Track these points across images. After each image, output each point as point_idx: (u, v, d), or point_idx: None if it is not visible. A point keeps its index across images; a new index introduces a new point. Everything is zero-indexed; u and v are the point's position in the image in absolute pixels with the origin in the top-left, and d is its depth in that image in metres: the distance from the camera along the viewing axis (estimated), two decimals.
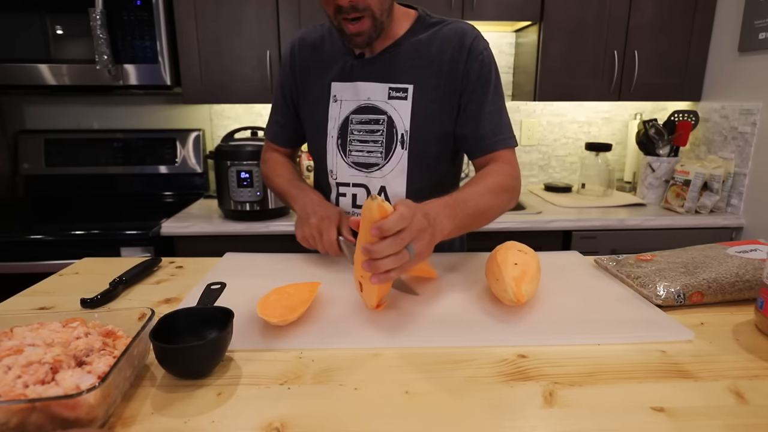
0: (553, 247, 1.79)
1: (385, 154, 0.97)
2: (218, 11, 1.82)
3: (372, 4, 0.85)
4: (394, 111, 0.95)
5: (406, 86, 0.95)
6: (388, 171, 0.98)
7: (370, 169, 0.99)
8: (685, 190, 1.85)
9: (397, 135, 0.96)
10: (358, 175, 1.00)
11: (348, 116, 0.98)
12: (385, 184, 0.99)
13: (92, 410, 0.46)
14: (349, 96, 0.98)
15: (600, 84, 1.95)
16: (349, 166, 1.00)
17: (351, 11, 0.84)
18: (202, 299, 0.74)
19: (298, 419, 0.51)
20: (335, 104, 0.99)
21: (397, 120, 0.95)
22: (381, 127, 0.96)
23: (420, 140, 0.96)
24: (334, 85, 0.99)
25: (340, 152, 1.00)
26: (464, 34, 0.94)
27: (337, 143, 1.00)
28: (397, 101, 0.95)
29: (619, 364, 0.61)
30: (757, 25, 1.74)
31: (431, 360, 0.62)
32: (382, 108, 0.96)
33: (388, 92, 0.95)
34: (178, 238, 1.71)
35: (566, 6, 1.87)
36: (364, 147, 0.98)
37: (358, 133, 0.98)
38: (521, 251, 0.79)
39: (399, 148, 0.96)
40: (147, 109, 2.20)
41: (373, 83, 0.96)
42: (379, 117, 0.96)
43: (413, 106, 0.95)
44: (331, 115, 0.99)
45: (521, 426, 0.50)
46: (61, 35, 1.74)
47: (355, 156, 0.99)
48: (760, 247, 0.84)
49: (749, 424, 0.51)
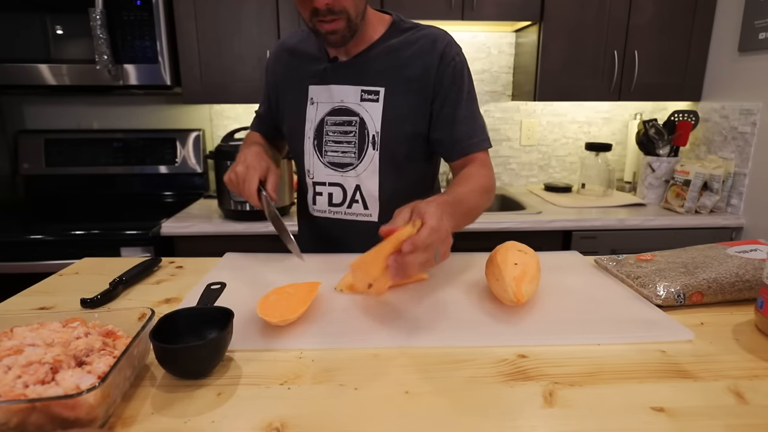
0: (553, 247, 1.79)
1: (358, 154, 1.00)
2: (218, 11, 1.82)
3: (348, 6, 0.87)
4: (366, 113, 0.98)
5: (378, 89, 0.98)
6: (362, 170, 1.01)
7: (345, 169, 1.02)
8: (685, 190, 1.85)
9: (368, 136, 0.99)
10: (334, 174, 1.03)
11: (323, 118, 1.01)
12: (360, 183, 1.02)
13: (92, 410, 0.46)
14: (325, 98, 1.01)
15: (600, 84, 1.95)
16: (325, 166, 1.03)
17: (327, 14, 0.87)
18: (202, 299, 0.74)
19: (298, 419, 0.51)
20: (312, 107, 1.02)
21: (369, 121, 0.98)
22: (354, 128, 0.99)
23: (390, 141, 0.99)
24: (311, 89, 1.02)
25: (317, 152, 1.03)
26: (436, 39, 0.97)
27: (314, 144, 1.03)
28: (368, 103, 0.98)
29: (619, 364, 0.61)
30: (757, 25, 1.74)
31: (431, 360, 0.62)
32: (354, 110, 0.99)
33: (361, 94, 0.98)
34: (178, 238, 1.71)
35: (566, 6, 1.87)
36: (338, 147, 1.01)
37: (333, 134, 1.01)
38: (521, 251, 0.79)
39: (371, 148, 0.99)
40: (147, 109, 2.20)
41: (347, 86, 0.99)
42: (352, 119, 0.99)
43: (384, 108, 0.98)
44: (308, 117, 1.03)
45: (521, 426, 0.50)
46: (61, 35, 1.74)
47: (331, 156, 1.02)
48: (760, 247, 0.84)
49: (749, 424, 0.51)
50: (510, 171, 2.34)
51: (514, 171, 2.34)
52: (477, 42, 2.21)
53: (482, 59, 2.23)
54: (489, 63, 2.23)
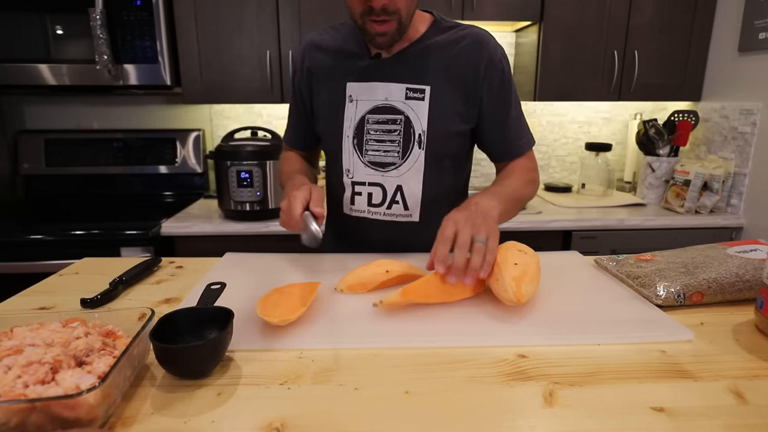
0: (553, 247, 1.79)
1: (402, 153, 0.98)
2: (218, 11, 1.82)
3: (401, 8, 0.87)
4: (412, 111, 0.97)
5: (424, 87, 0.96)
6: (405, 170, 0.99)
7: (387, 169, 1.00)
8: (685, 190, 1.85)
9: (414, 135, 0.97)
10: (375, 174, 1.01)
11: (364, 116, 0.99)
12: (402, 183, 1.00)
13: (92, 410, 0.46)
14: (365, 96, 0.99)
15: (600, 84, 1.95)
16: (365, 165, 1.01)
17: (381, 13, 0.85)
18: (202, 299, 0.73)
19: (298, 419, 0.51)
20: (351, 104, 1.00)
21: (415, 120, 0.97)
22: (398, 127, 0.98)
23: (437, 140, 0.98)
24: (350, 86, 0.99)
25: (357, 151, 1.01)
26: (482, 40, 0.96)
27: (353, 143, 1.00)
28: (414, 102, 0.97)
29: (619, 364, 0.61)
30: (757, 25, 1.74)
31: (431, 360, 0.62)
32: (399, 108, 0.97)
33: (406, 92, 0.97)
34: (178, 238, 1.71)
35: (566, 6, 1.87)
36: (380, 146, 0.99)
37: (375, 132, 0.99)
38: (521, 251, 0.79)
39: (416, 147, 0.98)
40: (147, 109, 2.20)
41: (391, 83, 0.97)
42: (397, 117, 0.97)
43: (430, 106, 0.96)
44: (347, 115, 1.00)
45: (521, 426, 0.50)
46: (61, 35, 1.74)
47: (372, 155, 1.00)
48: (760, 247, 0.84)
49: (749, 424, 0.51)
50: None
51: None
52: None
53: None
54: None
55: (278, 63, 1.86)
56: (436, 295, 0.76)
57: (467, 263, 0.72)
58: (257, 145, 1.73)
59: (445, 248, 0.73)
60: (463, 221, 0.75)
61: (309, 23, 1.83)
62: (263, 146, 1.74)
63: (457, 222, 0.75)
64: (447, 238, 0.74)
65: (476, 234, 0.74)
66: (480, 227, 0.75)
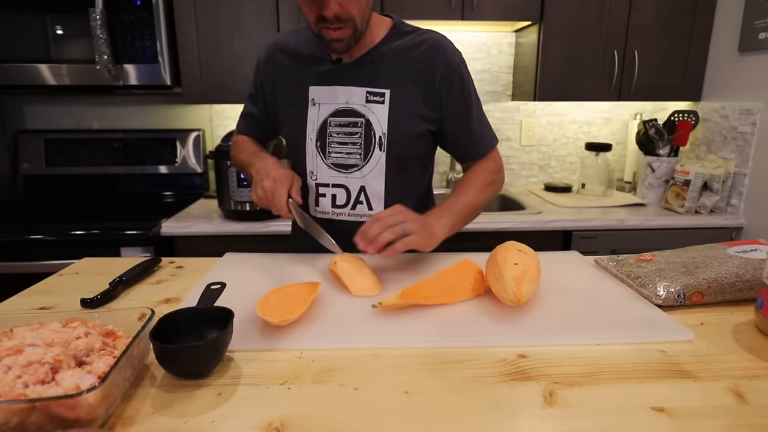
0: (553, 247, 1.79)
1: (364, 155, 1.01)
2: (218, 11, 1.82)
3: (355, 15, 0.88)
4: (372, 114, 0.99)
5: (384, 91, 0.99)
6: (368, 171, 1.02)
7: (350, 170, 1.02)
8: (685, 190, 1.85)
9: (375, 137, 1.00)
10: (338, 175, 1.03)
11: (326, 119, 1.01)
12: (365, 184, 1.02)
13: (92, 410, 0.46)
14: (327, 99, 1.01)
15: (600, 84, 1.95)
16: (328, 167, 1.03)
17: (334, 21, 0.87)
18: (202, 299, 0.74)
19: (298, 419, 0.51)
20: (314, 108, 1.02)
21: (375, 123, 0.99)
22: (359, 130, 1.00)
23: (397, 142, 1.00)
24: (312, 89, 1.02)
25: (320, 154, 1.03)
26: (439, 46, 0.99)
27: (317, 145, 1.03)
28: (374, 105, 0.99)
29: (619, 364, 0.61)
30: (757, 25, 1.74)
31: (431, 360, 0.62)
32: (360, 111, 0.99)
33: (366, 96, 0.99)
34: (178, 238, 1.71)
35: (566, 6, 1.87)
36: (343, 149, 1.01)
37: (337, 135, 1.01)
38: (521, 251, 0.79)
39: (377, 150, 1.00)
40: (147, 109, 2.20)
41: (351, 87, 0.99)
42: (357, 120, 1.00)
43: (390, 109, 0.99)
44: (310, 118, 1.02)
45: (521, 426, 0.50)
46: (61, 35, 1.74)
47: (335, 157, 1.02)
48: (760, 247, 0.84)
49: (749, 424, 0.51)
50: (510, 171, 2.33)
51: (514, 171, 2.34)
52: (477, 42, 2.21)
53: (482, 59, 2.23)
54: (489, 63, 2.23)
55: None
56: (435, 297, 0.76)
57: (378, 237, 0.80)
58: None
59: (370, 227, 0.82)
60: (402, 211, 0.85)
61: None
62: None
63: (396, 209, 0.85)
64: (378, 218, 0.83)
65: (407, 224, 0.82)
66: (412, 221, 0.83)
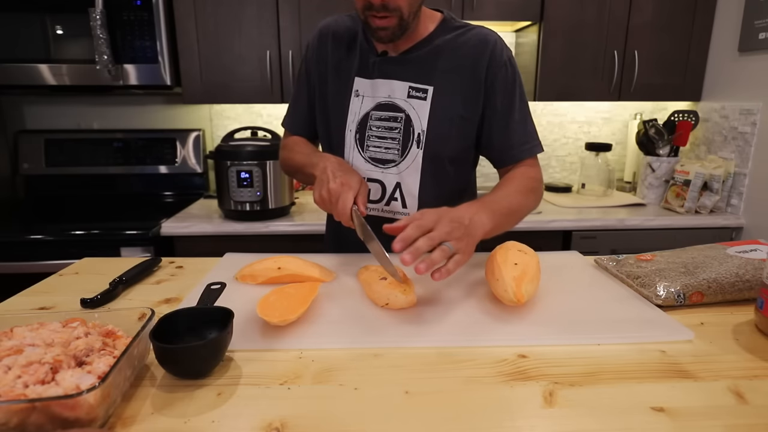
0: (553, 247, 1.79)
1: (402, 151, 0.98)
2: (218, 11, 1.82)
3: (402, 5, 0.86)
4: (413, 110, 0.97)
5: (427, 87, 0.96)
6: (404, 168, 0.99)
7: (387, 165, 1.00)
8: (685, 190, 1.85)
9: (413, 134, 0.97)
10: (374, 170, 1.00)
11: (368, 112, 0.99)
12: (401, 181, 1.00)
13: (92, 410, 0.46)
14: (370, 92, 0.99)
15: (600, 84, 1.95)
16: (365, 161, 1.00)
17: (381, 10, 0.86)
18: (202, 299, 0.74)
19: (298, 419, 0.51)
20: (357, 99, 1.00)
21: (415, 119, 0.97)
22: (399, 125, 0.97)
23: (436, 141, 0.97)
24: (357, 81, 0.99)
25: (358, 147, 1.00)
26: (487, 41, 0.95)
27: (355, 137, 1.00)
28: (416, 101, 0.96)
29: (619, 364, 0.61)
30: (757, 25, 1.74)
31: (431, 360, 0.62)
32: (400, 106, 0.97)
33: (408, 91, 0.96)
34: (178, 238, 1.71)
35: (566, 6, 1.87)
36: (381, 143, 0.99)
37: (377, 129, 0.99)
38: (521, 251, 0.79)
39: (415, 146, 0.97)
40: (147, 109, 2.20)
41: (394, 81, 0.97)
42: (398, 114, 0.97)
43: (432, 107, 0.96)
44: (352, 109, 1.00)
45: (521, 426, 0.50)
46: (61, 35, 1.74)
47: (373, 151, 1.00)
48: (760, 247, 0.84)
49: (749, 424, 0.51)
50: None
51: None
52: None
53: None
54: None
55: (278, 63, 1.86)
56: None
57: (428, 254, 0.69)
58: (257, 145, 1.73)
59: (414, 233, 0.69)
60: (446, 222, 0.72)
61: (309, 23, 1.83)
62: (263, 146, 1.74)
63: (441, 218, 0.72)
64: (421, 226, 0.70)
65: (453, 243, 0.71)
66: (460, 240, 0.72)
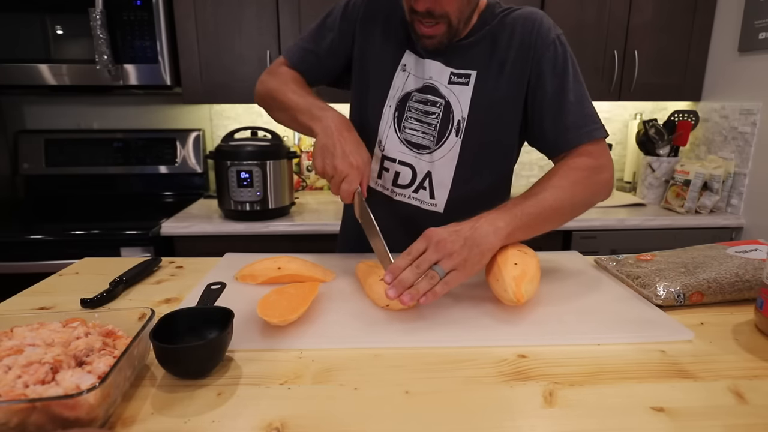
0: (553, 247, 1.79)
1: (438, 139, 0.92)
2: (218, 11, 1.82)
3: (450, 12, 0.81)
4: (453, 96, 0.91)
5: (470, 72, 0.90)
6: (438, 157, 0.93)
7: (421, 151, 0.94)
8: (685, 190, 1.85)
9: (453, 121, 0.91)
10: (408, 153, 0.94)
11: (410, 92, 0.93)
12: (432, 170, 0.94)
13: (92, 410, 0.46)
14: (417, 72, 0.93)
15: (600, 84, 1.95)
16: (400, 142, 0.94)
17: (426, 16, 0.81)
18: (202, 299, 0.74)
19: (298, 419, 0.51)
20: (402, 74, 0.93)
21: (455, 105, 0.91)
22: (437, 110, 0.91)
23: (477, 129, 0.91)
24: (407, 55, 0.93)
25: (395, 124, 0.94)
26: (533, 20, 0.89)
27: (394, 114, 0.94)
28: (457, 86, 0.90)
29: (619, 364, 0.61)
30: (757, 25, 1.74)
31: (431, 360, 0.62)
32: (441, 91, 0.91)
33: (449, 77, 0.91)
34: (178, 238, 1.71)
35: (566, 6, 1.87)
36: (419, 127, 0.93)
37: (415, 111, 0.93)
38: (521, 251, 0.79)
39: (453, 135, 0.92)
40: (147, 109, 2.20)
41: (437, 63, 0.91)
42: (438, 100, 0.91)
43: (474, 92, 0.90)
44: (395, 83, 0.94)
45: (521, 426, 0.50)
46: (61, 35, 1.74)
47: (409, 133, 0.94)
48: (760, 247, 0.84)
49: (749, 424, 0.51)
50: None
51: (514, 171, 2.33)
52: None
53: None
54: None
55: None
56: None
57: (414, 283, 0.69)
58: (257, 145, 1.73)
59: (404, 262, 0.70)
60: (436, 243, 0.70)
61: (309, 23, 1.83)
62: (263, 146, 1.74)
63: (430, 240, 0.71)
64: (410, 254, 0.71)
65: (443, 261, 0.70)
66: (452, 256, 0.70)
